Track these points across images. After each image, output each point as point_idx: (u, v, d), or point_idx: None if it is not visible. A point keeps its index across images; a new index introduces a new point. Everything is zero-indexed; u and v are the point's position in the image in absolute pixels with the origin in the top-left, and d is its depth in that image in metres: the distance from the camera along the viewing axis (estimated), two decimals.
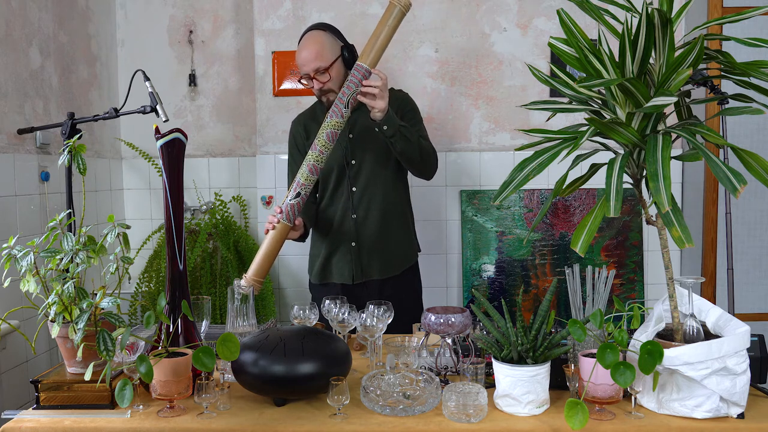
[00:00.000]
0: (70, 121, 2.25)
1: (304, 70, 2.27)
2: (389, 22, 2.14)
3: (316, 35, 2.29)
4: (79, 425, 1.46)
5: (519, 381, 1.43)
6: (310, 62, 2.25)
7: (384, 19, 2.15)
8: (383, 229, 2.34)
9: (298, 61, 2.28)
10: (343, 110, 2.14)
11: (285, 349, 1.51)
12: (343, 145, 2.35)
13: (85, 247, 1.52)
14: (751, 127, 3.14)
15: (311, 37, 2.29)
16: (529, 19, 3.00)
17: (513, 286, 2.98)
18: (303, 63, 2.26)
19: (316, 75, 2.26)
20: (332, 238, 2.39)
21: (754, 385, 1.55)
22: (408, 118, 2.34)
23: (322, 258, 2.42)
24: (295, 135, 2.47)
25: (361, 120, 2.35)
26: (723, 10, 3.06)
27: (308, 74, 2.27)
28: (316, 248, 2.46)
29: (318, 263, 2.44)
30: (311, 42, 2.27)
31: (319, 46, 2.26)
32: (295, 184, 2.16)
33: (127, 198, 3.33)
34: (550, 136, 1.49)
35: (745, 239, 3.17)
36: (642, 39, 1.34)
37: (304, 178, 2.14)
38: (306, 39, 2.29)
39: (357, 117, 2.36)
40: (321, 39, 2.27)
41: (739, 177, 1.23)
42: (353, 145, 2.36)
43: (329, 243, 2.40)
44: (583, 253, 1.32)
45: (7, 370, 2.30)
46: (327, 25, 2.34)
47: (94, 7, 3.07)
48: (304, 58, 2.26)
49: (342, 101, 2.14)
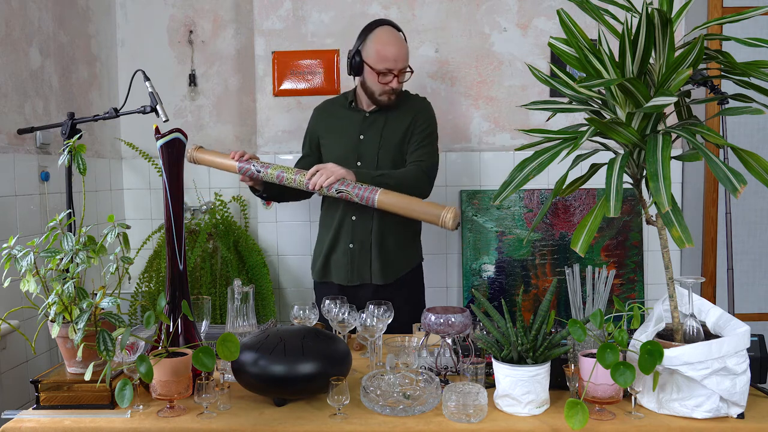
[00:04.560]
0: (70, 121, 2.25)
1: (395, 65, 2.27)
2: (421, 209, 2.09)
3: (400, 36, 2.32)
4: (79, 425, 1.46)
5: (519, 381, 1.43)
6: (403, 60, 2.29)
7: (424, 206, 2.09)
8: (381, 234, 2.34)
9: (386, 54, 2.26)
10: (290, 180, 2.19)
11: (285, 349, 1.51)
12: (353, 146, 2.36)
13: (85, 247, 1.52)
14: (751, 127, 3.14)
15: (398, 36, 2.31)
16: (529, 19, 3.00)
17: (513, 286, 2.98)
18: (395, 59, 2.26)
19: (400, 73, 2.29)
20: (333, 238, 2.40)
21: (754, 385, 1.55)
22: (417, 132, 2.35)
23: (322, 256, 2.44)
24: (311, 120, 2.53)
25: (376, 123, 2.36)
26: (723, 10, 3.06)
27: (393, 70, 2.27)
28: (319, 246, 2.48)
29: (319, 261, 2.46)
30: (401, 41, 2.31)
31: (406, 47, 2.31)
32: (268, 166, 2.20)
33: (127, 198, 3.33)
34: (550, 136, 1.49)
35: (745, 239, 3.17)
36: (642, 39, 1.34)
37: (273, 169, 2.20)
38: (394, 35, 2.30)
39: (373, 120, 2.37)
40: (404, 41, 2.33)
41: (739, 177, 1.23)
42: (362, 148, 2.36)
43: (330, 242, 2.41)
44: (583, 253, 1.32)
45: (7, 370, 2.30)
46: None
47: (94, 7, 3.06)
48: (397, 54, 2.27)
49: (293, 181, 2.19)
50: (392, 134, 2.35)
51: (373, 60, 2.27)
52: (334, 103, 2.52)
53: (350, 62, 2.35)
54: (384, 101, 2.33)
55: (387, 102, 2.33)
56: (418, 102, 2.43)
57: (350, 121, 2.41)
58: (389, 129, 2.36)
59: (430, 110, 2.43)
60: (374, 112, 2.39)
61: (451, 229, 2.04)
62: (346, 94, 2.49)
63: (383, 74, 2.28)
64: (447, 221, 2.03)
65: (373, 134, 2.37)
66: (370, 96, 2.35)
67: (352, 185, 2.13)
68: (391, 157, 2.34)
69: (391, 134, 2.35)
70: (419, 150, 2.34)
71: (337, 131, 2.43)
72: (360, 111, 2.42)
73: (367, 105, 2.41)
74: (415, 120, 2.36)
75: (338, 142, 2.41)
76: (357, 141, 2.37)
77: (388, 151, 2.34)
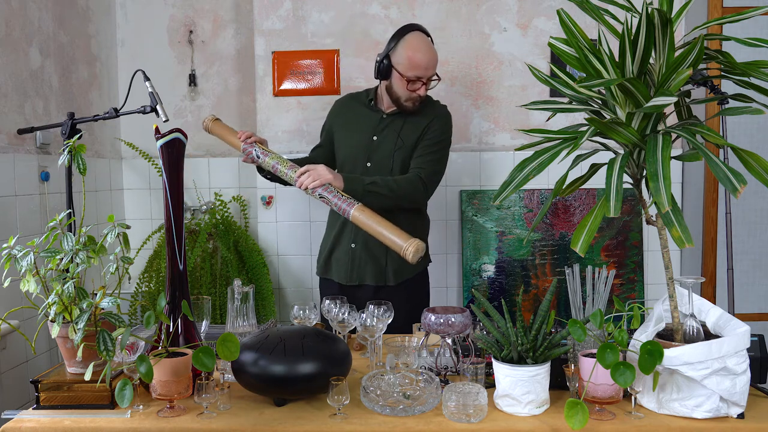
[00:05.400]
0: (70, 121, 2.25)
1: (425, 73, 2.24)
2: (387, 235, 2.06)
3: (431, 43, 2.29)
4: (79, 425, 1.46)
5: (519, 381, 1.43)
6: (433, 68, 2.26)
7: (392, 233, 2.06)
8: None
9: (418, 62, 2.23)
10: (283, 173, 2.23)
11: (285, 349, 1.51)
12: (364, 146, 2.36)
13: (85, 247, 1.52)
14: (751, 127, 3.13)
15: (429, 43, 2.28)
16: (529, 19, 3.00)
17: (513, 286, 2.98)
18: (426, 66, 2.23)
19: (428, 81, 2.27)
20: (336, 236, 2.41)
21: (754, 385, 1.55)
22: (426, 139, 2.32)
23: (326, 252, 2.45)
24: (330, 112, 2.53)
25: (393, 125, 2.35)
26: (723, 10, 3.06)
27: (422, 78, 2.25)
28: (324, 242, 2.49)
29: (323, 257, 2.47)
30: (432, 49, 2.27)
31: (437, 55, 2.28)
32: (267, 154, 2.26)
33: (127, 198, 3.33)
34: (550, 136, 1.49)
35: (745, 239, 3.17)
36: (642, 39, 1.34)
37: (271, 158, 2.25)
38: (426, 42, 2.27)
39: (390, 122, 2.36)
40: (434, 48, 2.30)
41: (739, 177, 1.23)
42: (373, 148, 2.36)
43: (333, 240, 2.42)
44: (583, 253, 1.32)
45: (7, 370, 2.30)
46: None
47: (94, 7, 3.06)
48: (429, 62, 2.24)
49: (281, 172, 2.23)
50: (408, 137, 2.32)
51: (404, 67, 2.24)
52: (355, 99, 2.49)
53: (378, 66, 2.30)
54: (409, 107, 2.31)
55: (411, 108, 2.31)
56: (437, 109, 2.39)
57: (366, 120, 2.39)
58: (406, 131, 2.33)
59: (446, 119, 2.39)
60: (393, 114, 2.36)
61: (410, 261, 2.02)
62: (368, 91, 2.47)
63: (412, 81, 2.25)
64: (408, 253, 2.00)
65: (389, 135, 2.34)
66: (395, 101, 2.32)
67: (334, 193, 2.13)
68: (407, 159, 2.33)
69: (407, 137, 2.32)
70: (423, 157, 2.31)
71: (351, 128, 2.42)
72: (378, 111, 2.40)
73: (387, 106, 2.38)
74: (429, 126, 2.33)
75: (350, 140, 2.41)
76: (369, 141, 2.36)
77: (403, 153, 2.32)
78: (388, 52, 2.28)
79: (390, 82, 2.31)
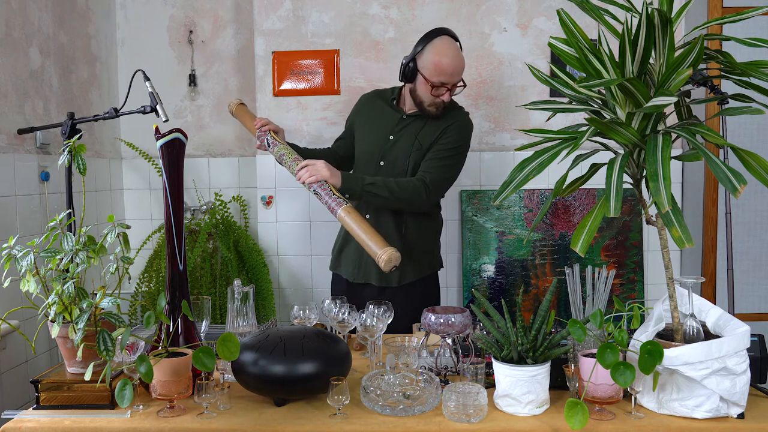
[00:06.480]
0: (70, 121, 2.25)
1: (450, 79, 2.21)
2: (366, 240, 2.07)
3: (459, 49, 2.25)
4: (79, 425, 1.46)
5: (519, 381, 1.43)
6: (459, 74, 2.23)
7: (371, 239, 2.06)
8: (391, 238, 2.29)
9: (444, 68, 2.18)
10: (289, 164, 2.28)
11: (285, 349, 1.51)
12: (379, 145, 2.35)
13: (85, 247, 1.52)
14: (751, 127, 3.14)
15: (457, 49, 2.24)
16: (529, 19, 3.00)
17: (513, 286, 2.98)
18: (452, 72, 2.20)
19: (453, 87, 2.24)
20: (347, 232, 2.39)
21: (754, 385, 1.55)
22: (439, 143, 2.28)
23: (338, 246, 2.47)
24: (356, 105, 2.54)
25: (412, 126, 2.33)
26: (723, 10, 3.06)
27: (447, 84, 2.21)
28: (338, 237, 2.51)
29: (335, 251, 2.49)
30: (460, 55, 2.23)
31: (464, 61, 2.25)
32: (277, 144, 2.33)
33: (127, 198, 3.33)
34: (550, 136, 1.49)
35: (745, 239, 3.17)
36: (642, 39, 1.34)
37: (280, 148, 2.32)
38: (453, 47, 2.22)
39: (408, 123, 2.34)
40: (462, 54, 2.26)
41: (739, 177, 1.23)
42: (388, 148, 2.35)
43: (345, 236, 2.42)
44: (583, 253, 1.32)
45: (7, 370, 2.30)
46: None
47: (94, 7, 3.06)
48: (456, 68, 2.20)
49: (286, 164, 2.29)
50: (425, 139, 2.30)
51: (429, 72, 2.20)
52: (380, 96, 2.47)
53: (404, 68, 2.26)
54: (432, 112, 2.28)
55: (434, 113, 2.28)
56: (458, 114, 2.35)
57: (386, 119, 2.38)
58: (425, 134, 2.30)
59: (465, 126, 2.34)
60: (413, 115, 2.34)
61: (383, 269, 2.02)
62: (393, 90, 2.45)
63: (437, 87, 2.21)
64: (381, 260, 2.01)
65: (406, 136, 2.32)
66: (418, 105, 2.29)
67: (327, 191, 2.13)
68: (414, 161, 2.30)
69: (425, 139, 2.30)
70: (432, 162, 2.27)
71: (370, 125, 2.41)
72: (399, 111, 2.38)
73: (409, 107, 2.36)
74: (445, 131, 2.29)
75: (368, 137, 2.40)
76: (385, 140, 2.34)
77: (418, 156, 2.30)
78: (415, 56, 2.24)
79: (414, 86, 2.28)
